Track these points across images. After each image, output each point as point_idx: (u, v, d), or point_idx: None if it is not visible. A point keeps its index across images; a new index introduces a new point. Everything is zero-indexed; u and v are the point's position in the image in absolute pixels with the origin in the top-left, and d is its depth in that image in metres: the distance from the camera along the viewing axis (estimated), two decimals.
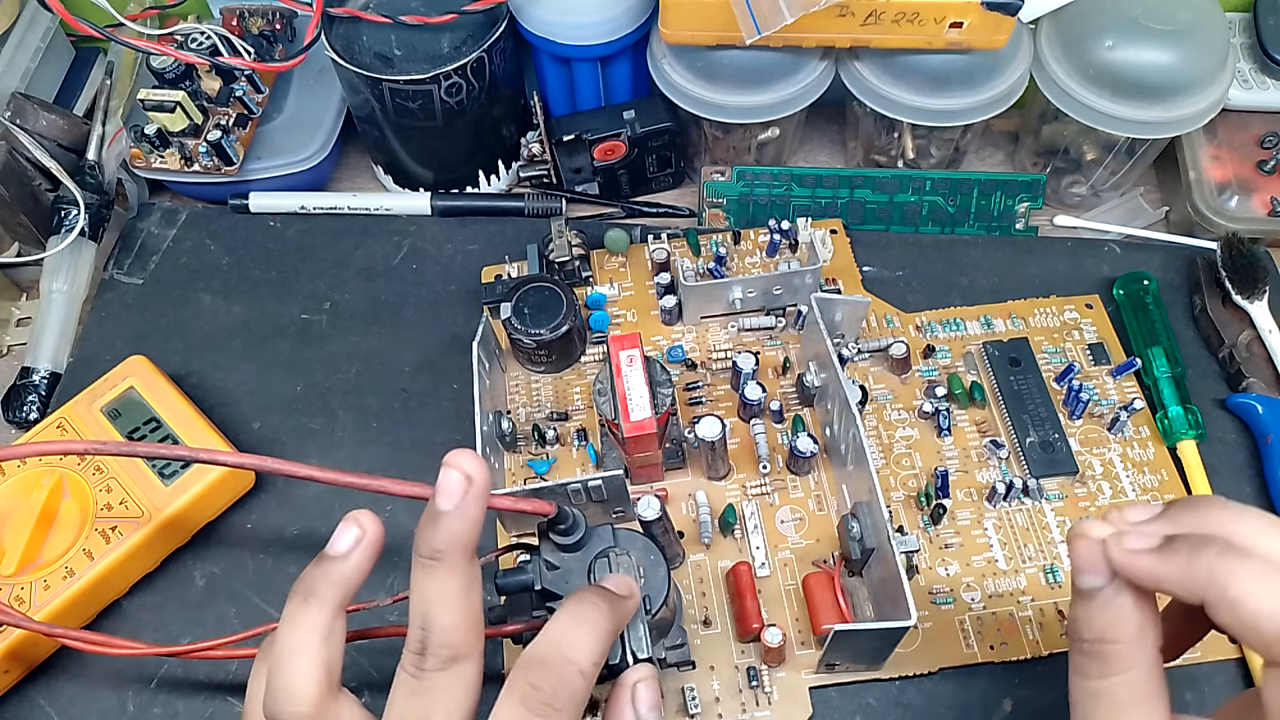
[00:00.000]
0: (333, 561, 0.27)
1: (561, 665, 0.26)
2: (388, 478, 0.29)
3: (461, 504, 0.26)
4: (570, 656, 0.27)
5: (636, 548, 0.33)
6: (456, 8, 0.47)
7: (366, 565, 0.28)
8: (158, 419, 0.43)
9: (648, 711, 0.29)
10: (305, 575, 0.27)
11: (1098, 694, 0.26)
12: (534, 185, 0.55)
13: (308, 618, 0.26)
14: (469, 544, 0.26)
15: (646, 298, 0.49)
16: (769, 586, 0.41)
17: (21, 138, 0.50)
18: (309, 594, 0.27)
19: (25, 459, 0.41)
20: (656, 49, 0.50)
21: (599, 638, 0.28)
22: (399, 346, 0.49)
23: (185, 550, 0.43)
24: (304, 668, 0.26)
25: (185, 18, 0.57)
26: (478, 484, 0.26)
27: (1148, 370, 0.45)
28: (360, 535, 0.27)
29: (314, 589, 0.27)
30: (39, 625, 0.37)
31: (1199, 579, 0.25)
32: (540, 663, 0.27)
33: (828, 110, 0.55)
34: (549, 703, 0.26)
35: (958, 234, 0.52)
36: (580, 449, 0.45)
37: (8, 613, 0.37)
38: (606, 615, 0.28)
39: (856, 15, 0.45)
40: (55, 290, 0.49)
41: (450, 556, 0.26)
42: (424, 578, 0.26)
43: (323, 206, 0.53)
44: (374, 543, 0.28)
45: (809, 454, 0.41)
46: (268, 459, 0.30)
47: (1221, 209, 0.50)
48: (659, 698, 0.29)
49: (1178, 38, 0.46)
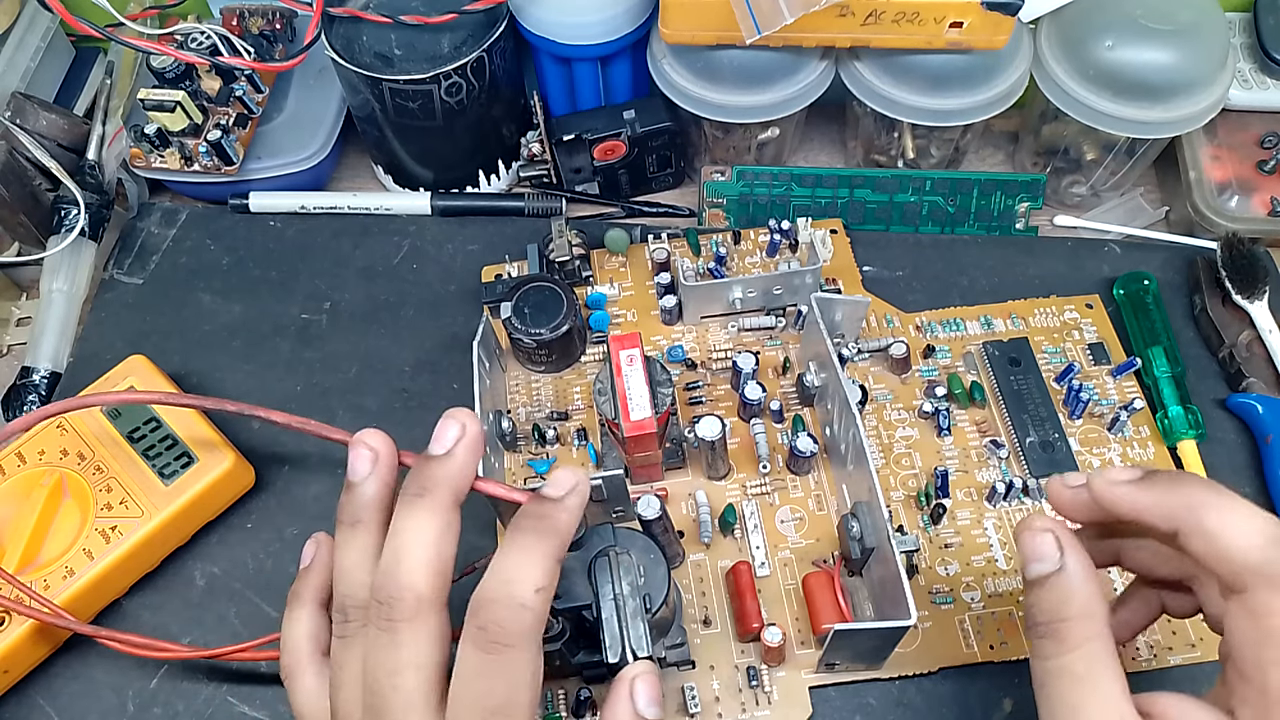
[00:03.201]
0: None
1: (505, 600, 0.27)
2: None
3: (453, 449, 0.27)
4: (512, 591, 0.27)
5: (636, 547, 0.33)
6: (456, 8, 0.47)
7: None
8: (157, 419, 0.43)
9: (646, 706, 0.28)
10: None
11: (1058, 671, 0.28)
12: (534, 185, 0.55)
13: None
14: (455, 489, 0.27)
15: (646, 298, 0.49)
16: (769, 586, 0.41)
17: (21, 138, 0.50)
18: (422, 491, 0.27)
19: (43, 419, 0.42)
20: (656, 49, 0.50)
21: (537, 562, 0.27)
22: (399, 346, 0.49)
23: (185, 550, 0.43)
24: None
25: (185, 18, 0.57)
26: (470, 433, 0.28)
27: (1148, 370, 0.45)
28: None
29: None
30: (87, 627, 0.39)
31: (1177, 506, 0.27)
32: (486, 602, 0.27)
33: (828, 110, 0.55)
34: (498, 640, 0.26)
35: (958, 234, 0.52)
36: (580, 449, 0.45)
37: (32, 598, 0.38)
38: (543, 536, 0.28)
39: (856, 15, 0.45)
40: (55, 290, 0.49)
41: (434, 494, 0.27)
42: (405, 513, 0.27)
43: (323, 206, 0.53)
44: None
45: (809, 454, 0.41)
46: None
47: (1221, 209, 0.50)
48: (659, 693, 0.29)
49: (1178, 38, 0.46)
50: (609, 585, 0.32)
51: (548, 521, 0.28)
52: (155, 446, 0.42)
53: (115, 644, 0.39)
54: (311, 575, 0.33)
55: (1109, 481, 0.29)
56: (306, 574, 0.33)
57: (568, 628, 0.33)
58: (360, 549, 0.29)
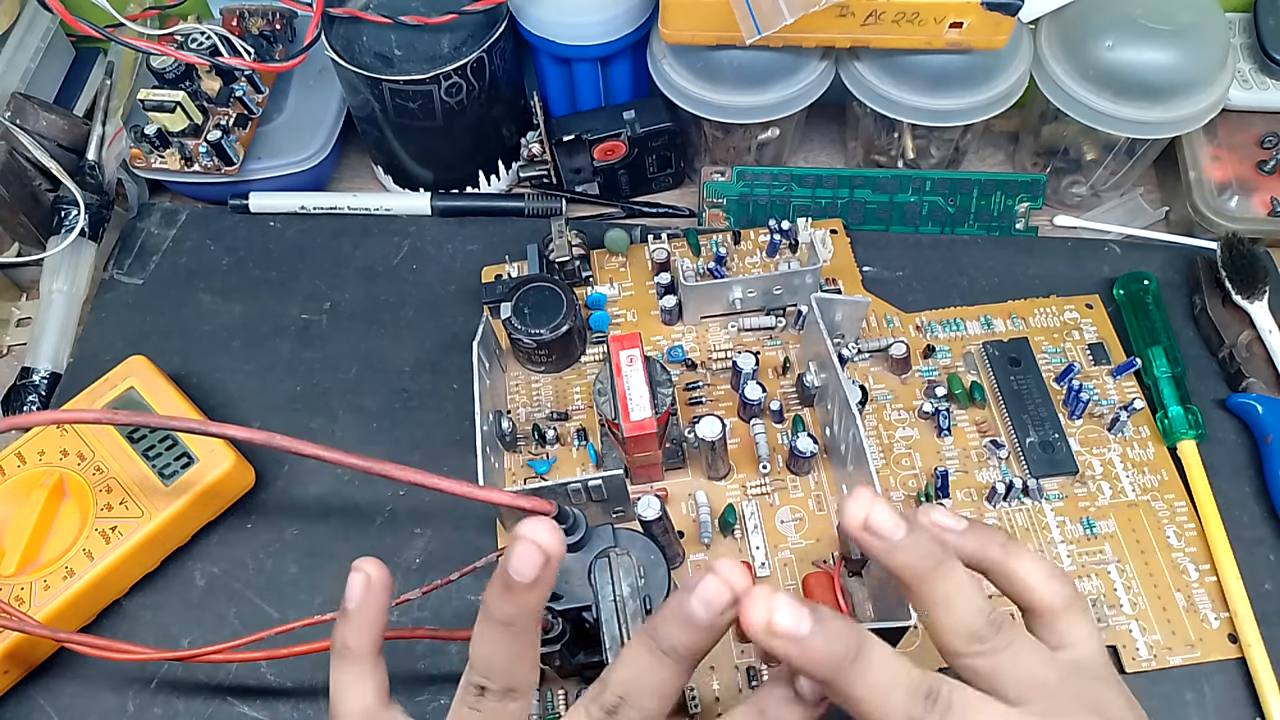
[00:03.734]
0: (349, 614, 0.29)
1: None
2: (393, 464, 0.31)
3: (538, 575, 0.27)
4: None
5: (636, 547, 0.33)
6: (456, 8, 0.47)
7: (381, 605, 0.29)
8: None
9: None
10: (334, 633, 0.29)
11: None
12: (534, 185, 0.55)
13: (345, 671, 0.29)
14: (535, 610, 0.28)
15: (646, 298, 0.49)
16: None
17: (21, 138, 0.50)
18: (341, 650, 0.29)
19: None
20: (656, 49, 0.50)
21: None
22: (399, 346, 0.49)
23: (185, 550, 0.43)
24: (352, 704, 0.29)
25: (185, 18, 0.57)
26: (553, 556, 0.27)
27: (1148, 370, 0.45)
28: (366, 580, 0.29)
29: (344, 642, 0.29)
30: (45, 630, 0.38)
31: (993, 554, 0.30)
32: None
33: (828, 110, 0.55)
34: None
35: (958, 234, 0.52)
36: (580, 449, 0.45)
37: (11, 615, 0.37)
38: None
39: (856, 15, 0.45)
40: (55, 290, 0.49)
41: (520, 620, 0.27)
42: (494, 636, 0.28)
43: (323, 206, 0.53)
44: (381, 582, 0.29)
45: (809, 454, 0.41)
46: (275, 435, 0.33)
47: (1221, 209, 0.50)
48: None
49: (1178, 38, 0.46)
50: (609, 586, 0.32)
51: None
52: (155, 447, 0.42)
53: (107, 654, 0.38)
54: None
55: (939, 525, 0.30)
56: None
57: (568, 629, 0.33)
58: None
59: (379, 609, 0.29)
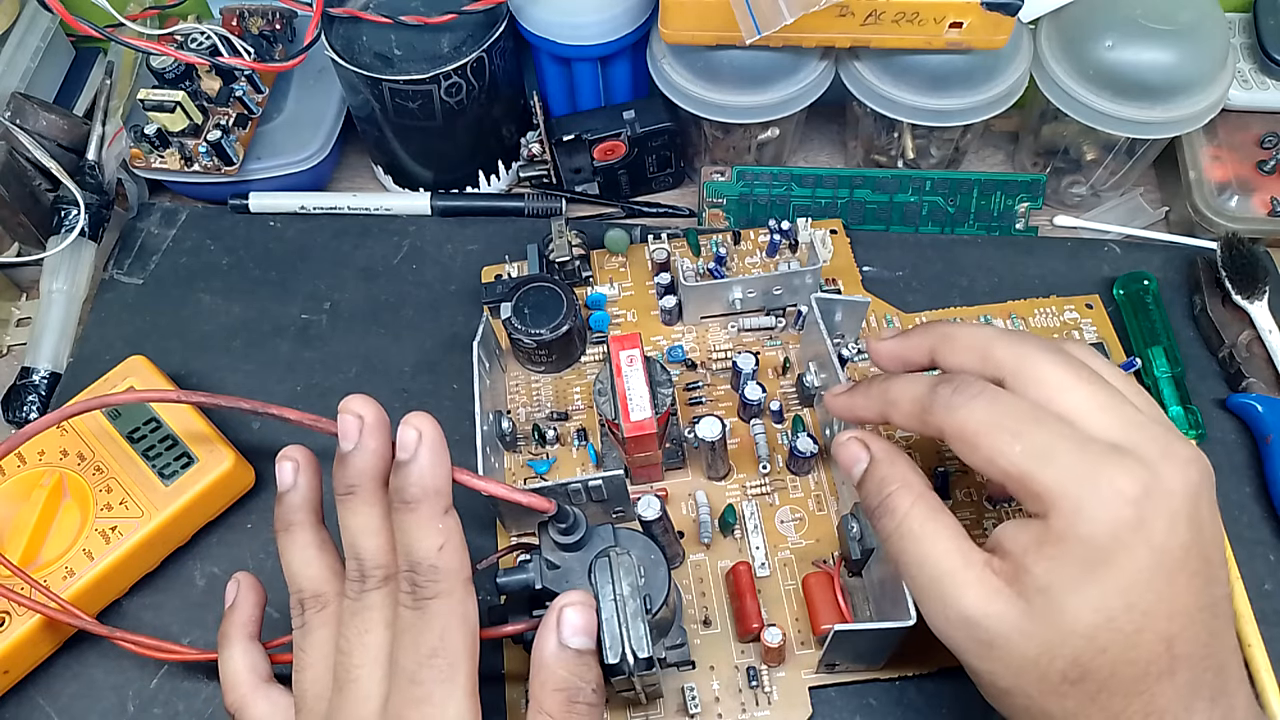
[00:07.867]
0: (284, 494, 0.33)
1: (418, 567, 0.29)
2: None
3: (360, 441, 0.30)
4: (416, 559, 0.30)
5: (637, 547, 0.33)
6: (456, 8, 0.47)
7: (315, 483, 0.33)
8: (157, 419, 0.43)
9: (571, 636, 0.29)
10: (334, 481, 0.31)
11: (899, 536, 0.32)
12: (534, 185, 0.55)
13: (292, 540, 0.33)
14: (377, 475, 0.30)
15: (646, 298, 0.49)
16: (769, 586, 0.41)
17: (21, 138, 0.50)
18: (287, 525, 0.33)
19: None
20: (656, 49, 0.50)
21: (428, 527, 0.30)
22: (399, 346, 0.49)
23: (185, 550, 0.43)
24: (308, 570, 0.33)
25: (185, 18, 0.57)
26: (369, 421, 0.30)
27: (1148, 370, 0.45)
28: (296, 464, 0.33)
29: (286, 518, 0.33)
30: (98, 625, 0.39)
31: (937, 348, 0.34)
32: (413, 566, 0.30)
33: (828, 110, 0.55)
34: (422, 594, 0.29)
35: (958, 234, 0.52)
36: (580, 449, 0.45)
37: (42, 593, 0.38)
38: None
39: (856, 15, 0.45)
40: (55, 290, 0.49)
41: (362, 488, 0.30)
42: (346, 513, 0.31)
43: (323, 206, 0.53)
44: (310, 463, 0.33)
45: (809, 454, 0.42)
46: None
47: (1221, 209, 0.50)
48: (587, 624, 0.29)
49: (1178, 38, 0.46)
50: (609, 586, 0.32)
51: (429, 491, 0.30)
52: (155, 447, 0.42)
53: (126, 643, 0.39)
54: (238, 613, 0.36)
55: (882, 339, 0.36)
56: (232, 613, 0.36)
57: None
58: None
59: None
